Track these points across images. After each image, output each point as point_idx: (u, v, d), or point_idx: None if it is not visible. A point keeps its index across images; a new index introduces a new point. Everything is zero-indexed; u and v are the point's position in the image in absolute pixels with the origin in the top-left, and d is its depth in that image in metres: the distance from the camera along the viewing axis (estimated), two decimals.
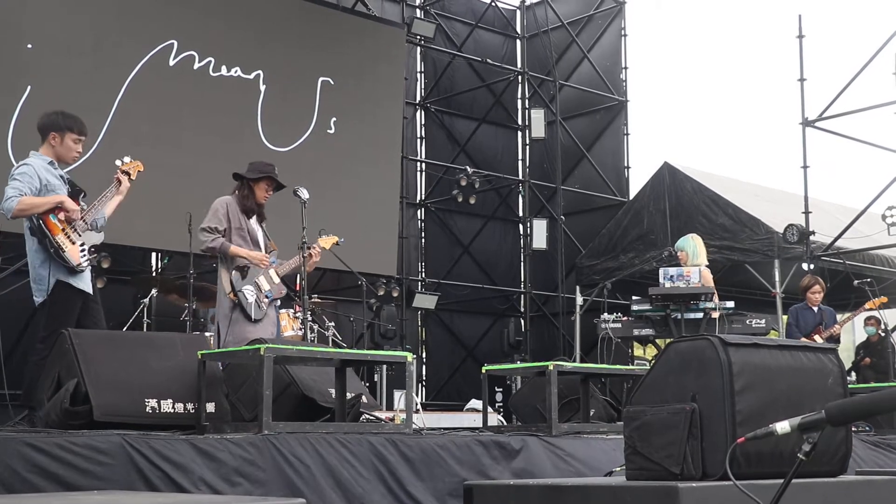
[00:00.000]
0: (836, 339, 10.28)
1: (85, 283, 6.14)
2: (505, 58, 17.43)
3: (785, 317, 11.98)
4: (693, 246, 10.07)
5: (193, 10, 11.90)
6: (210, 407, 5.29)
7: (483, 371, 6.94)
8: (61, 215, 6.07)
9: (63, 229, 6.06)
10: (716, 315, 9.32)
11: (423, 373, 16.22)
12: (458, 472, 5.08)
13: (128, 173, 6.52)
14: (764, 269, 13.40)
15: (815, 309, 10.37)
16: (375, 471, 4.83)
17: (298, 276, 7.40)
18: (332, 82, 12.91)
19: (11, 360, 6.18)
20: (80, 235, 6.12)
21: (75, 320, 6.00)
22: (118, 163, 6.63)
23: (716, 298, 9.43)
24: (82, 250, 6.10)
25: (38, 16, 10.63)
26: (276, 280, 7.15)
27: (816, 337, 10.18)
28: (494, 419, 10.19)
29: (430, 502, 4.90)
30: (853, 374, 13.19)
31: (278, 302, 7.36)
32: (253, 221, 7.17)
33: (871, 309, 10.98)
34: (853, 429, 5.17)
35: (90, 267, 6.21)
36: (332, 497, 4.59)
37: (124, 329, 9.88)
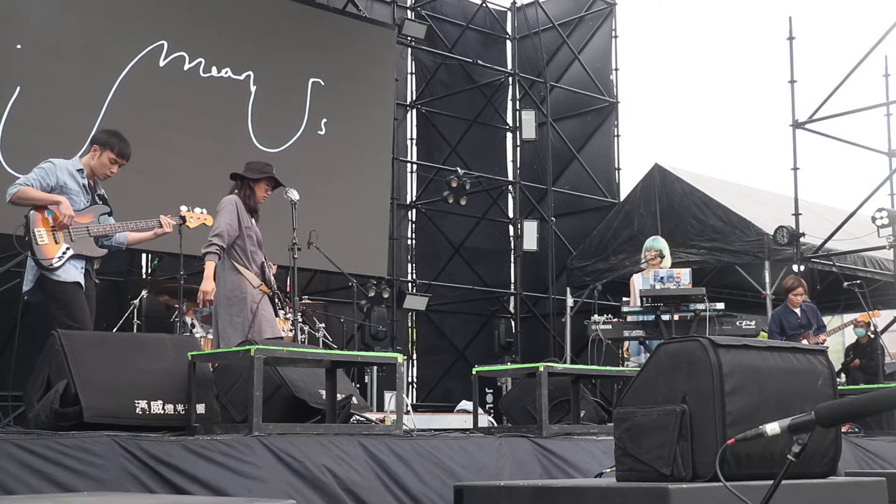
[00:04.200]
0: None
1: (67, 275, 6.14)
2: (496, 59, 17.44)
3: None
4: (666, 246, 10.15)
5: (183, 10, 11.88)
6: (200, 408, 5.28)
7: (473, 372, 6.94)
8: (57, 216, 6.13)
9: (53, 227, 6.11)
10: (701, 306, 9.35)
11: (414, 374, 16.23)
12: (448, 474, 5.08)
13: (184, 219, 6.74)
14: (754, 270, 13.43)
15: (798, 311, 10.33)
16: (367, 471, 4.83)
17: (289, 277, 7.42)
18: (323, 83, 12.90)
19: (2, 359, 6.18)
20: (72, 240, 6.16)
21: (78, 308, 6.09)
22: (183, 208, 6.82)
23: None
24: (63, 252, 6.11)
25: (27, 16, 10.59)
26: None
27: (804, 341, 10.17)
28: (485, 420, 10.20)
29: (421, 503, 4.90)
30: (843, 375, 13.21)
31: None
32: (254, 222, 7.24)
33: (862, 321, 10.96)
34: (842, 430, 5.18)
35: (79, 271, 6.19)
36: (321, 498, 4.59)
37: (114, 330, 9.86)
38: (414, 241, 16.94)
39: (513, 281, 17.00)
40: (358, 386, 10.89)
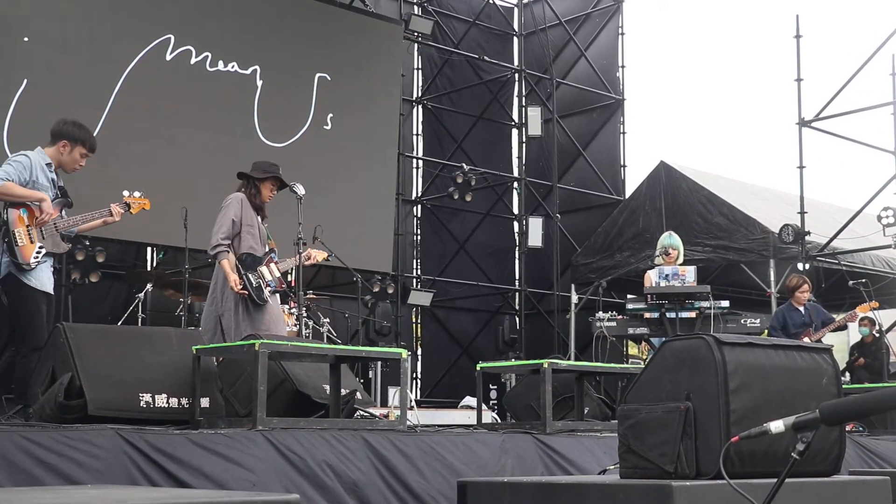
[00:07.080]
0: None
1: (39, 281, 5.99)
2: (502, 55, 17.43)
3: None
4: (680, 243, 10.13)
5: (190, 4, 11.89)
6: (204, 402, 5.29)
7: (478, 368, 6.94)
8: (35, 213, 5.99)
9: (28, 225, 5.96)
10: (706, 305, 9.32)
11: (418, 370, 16.23)
12: (452, 469, 5.08)
13: (128, 206, 6.58)
14: (759, 268, 13.42)
15: (802, 309, 10.32)
16: (370, 466, 4.83)
17: (294, 272, 7.44)
18: (329, 78, 12.90)
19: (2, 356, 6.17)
20: (43, 238, 6.01)
21: (42, 315, 5.94)
22: (125, 193, 6.68)
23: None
24: (38, 252, 5.97)
25: (34, 9, 10.61)
26: (277, 273, 7.22)
27: (805, 339, 10.14)
28: (489, 417, 10.20)
29: (423, 499, 4.90)
30: (847, 374, 13.19)
31: (277, 296, 7.41)
32: (259, 219, 7.28)
33: (864, 317, 10.91)
34: (846, 429, 5.18)
35: (50, 270, 6.07)
36: (325, 493, 4.59)
37: (119, 324, 9.87)
38: (419, 237, 16.95)
39: (517, 277, 17.00)
40: (362, 381, 10.88)
